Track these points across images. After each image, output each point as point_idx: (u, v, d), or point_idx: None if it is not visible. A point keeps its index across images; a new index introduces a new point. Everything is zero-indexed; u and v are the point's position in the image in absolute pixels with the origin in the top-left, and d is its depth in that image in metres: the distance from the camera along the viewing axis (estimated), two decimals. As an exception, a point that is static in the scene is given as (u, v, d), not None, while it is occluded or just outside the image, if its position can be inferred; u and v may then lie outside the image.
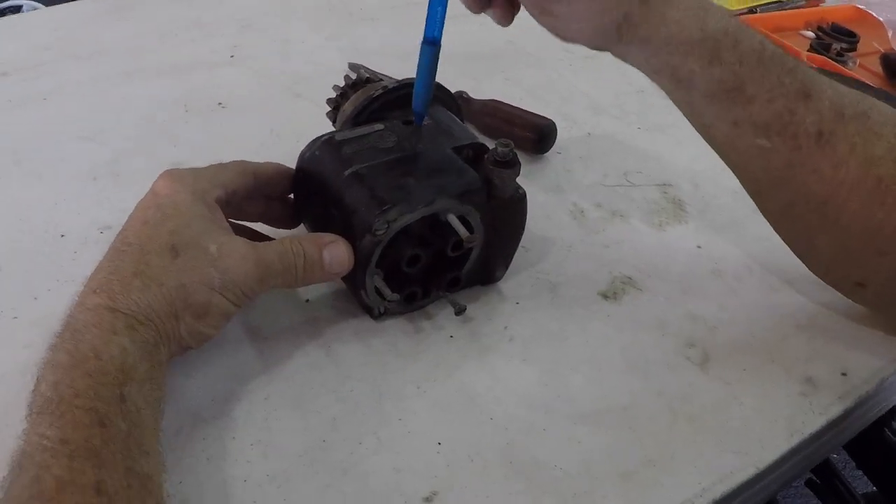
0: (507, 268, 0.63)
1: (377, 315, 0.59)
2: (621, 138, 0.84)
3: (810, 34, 1.05)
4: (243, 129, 0.80)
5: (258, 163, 0.59)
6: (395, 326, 0.59)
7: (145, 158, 0.75)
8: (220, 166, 0.56)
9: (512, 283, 0.64)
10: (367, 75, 0.68)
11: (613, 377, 0.57)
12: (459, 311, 0.58)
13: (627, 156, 0.81)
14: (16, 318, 0.58)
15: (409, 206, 0.53)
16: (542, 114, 0.79)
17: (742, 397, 0.57)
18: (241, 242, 0.51)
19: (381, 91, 0.62)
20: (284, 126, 0.81)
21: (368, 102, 0.62)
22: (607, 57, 0.55)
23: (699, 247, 0.70)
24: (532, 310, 0.62)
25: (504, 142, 0.56)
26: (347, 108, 0.65)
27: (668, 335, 0.61)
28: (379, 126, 0.60)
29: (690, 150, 0.82)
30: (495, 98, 0.82)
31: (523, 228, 0.61)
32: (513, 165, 0.56)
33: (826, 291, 0.62)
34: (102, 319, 0.45)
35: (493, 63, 0.97)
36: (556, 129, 0.78)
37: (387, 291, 0.55)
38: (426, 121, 0.60)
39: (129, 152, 0.76)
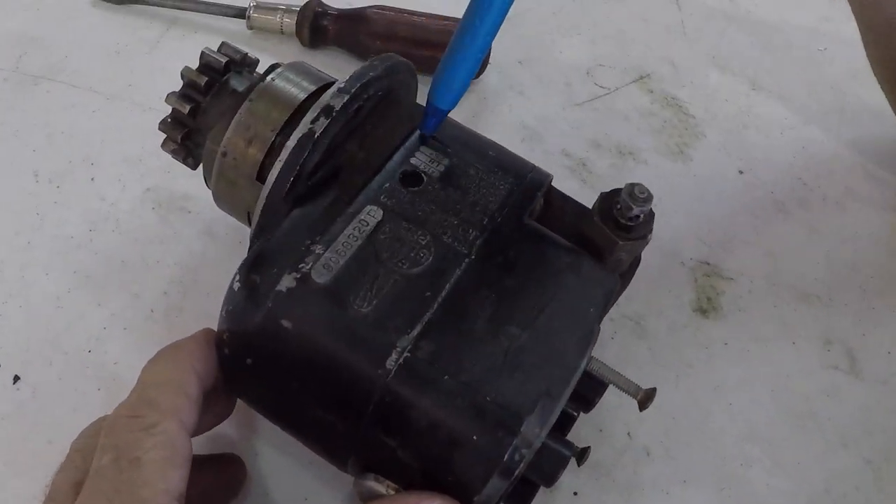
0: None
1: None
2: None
3: None
4: None
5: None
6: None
7: None
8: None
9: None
10: (232, 57, 0.36)
11: (789, 448, 0.40)
12: (584, 459, 0.35)
13: (563, 36, 0.57)
14: None
15: (549, 402, 0.27)
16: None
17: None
18: None
19: (323, 118, 0.31)
20: (60, 164, 0.44)
21: (309, 150, 0.31)
22: None
23: (741, 172, 0.51)
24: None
25: (639, 190, 0.31)
26: (237, 150, 0.33)
27: (801, 341, 0.44)
28: (372, 212, 0.30)
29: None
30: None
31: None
32: (651, 227, 0.31)
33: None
34: None
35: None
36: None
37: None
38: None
39: None
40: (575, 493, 0.37)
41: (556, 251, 0.31)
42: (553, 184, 0.34)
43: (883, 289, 0.47)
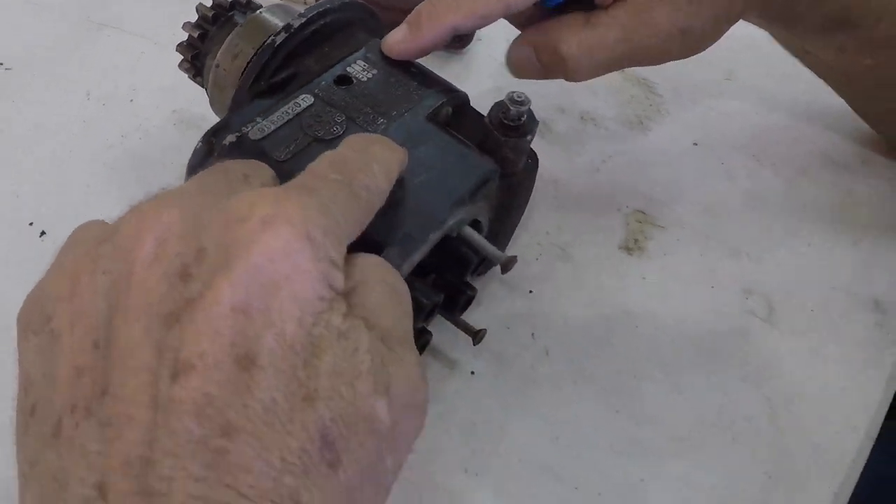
0: (506, 244, 0.46)
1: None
2: None
3: None
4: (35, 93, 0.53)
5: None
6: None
7: None
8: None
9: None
10: (231, -5, 0.44)
11: (688, 373, 0.44)
12: (479, 339, 0.41)
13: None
14: None
15: (411, 241, 0.34)
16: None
17: (821, 349, 0.46)
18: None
19: (283, 33, 0.40)
20: (108, 88, 0.54)
21: (270, 55, 0.39)
22: None
23: (695, 144, 0.56)
24: (554, 298, 0.46)
25: (517, 95, 0.37)
26: (226, 63, 0.42)
27: (720, 287, 0.48)
28: (305, 98, 0.38)
29: None
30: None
31: (530, 195, 0.44)
32: (531, 129, 0.38)
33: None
34: None
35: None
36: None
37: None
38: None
39: None
40: (472, 373, 0.43)
41: (446, 139, 0.38)
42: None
43: (821, 257, 0.50)
